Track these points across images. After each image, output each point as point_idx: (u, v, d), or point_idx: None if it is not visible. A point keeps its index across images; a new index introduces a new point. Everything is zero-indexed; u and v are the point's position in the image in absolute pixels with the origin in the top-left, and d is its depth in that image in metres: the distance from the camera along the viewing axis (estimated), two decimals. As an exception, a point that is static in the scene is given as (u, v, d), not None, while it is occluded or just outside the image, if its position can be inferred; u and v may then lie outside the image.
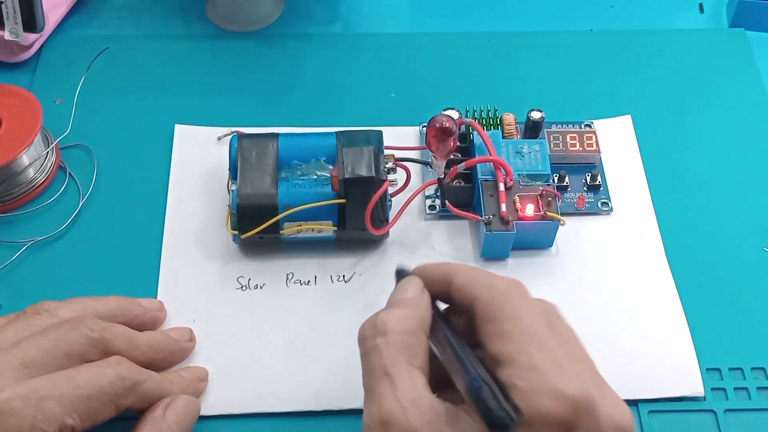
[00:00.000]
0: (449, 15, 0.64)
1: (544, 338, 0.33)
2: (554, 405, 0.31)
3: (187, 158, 0.53)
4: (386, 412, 0.33)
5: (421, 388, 0.33)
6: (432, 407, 0.33)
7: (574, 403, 0.31)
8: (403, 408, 0.32)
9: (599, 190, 0.52)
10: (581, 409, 0.31)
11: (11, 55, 0.58)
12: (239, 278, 0.48)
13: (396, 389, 0.33)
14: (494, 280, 0.36)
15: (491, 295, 0.35)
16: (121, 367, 0.39)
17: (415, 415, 0.32)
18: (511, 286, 0.36)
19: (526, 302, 0.35)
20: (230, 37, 0.61)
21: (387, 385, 0.33)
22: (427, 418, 0.32)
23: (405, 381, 0.33)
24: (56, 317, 0.40)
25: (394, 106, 0.57)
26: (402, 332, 0.35)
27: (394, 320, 0.35)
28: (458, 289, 0.37)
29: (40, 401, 0.35)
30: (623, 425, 0.33)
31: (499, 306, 0.34)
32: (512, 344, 0.33)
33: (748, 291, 0.48)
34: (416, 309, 0.36)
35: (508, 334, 0.33)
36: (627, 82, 0.59)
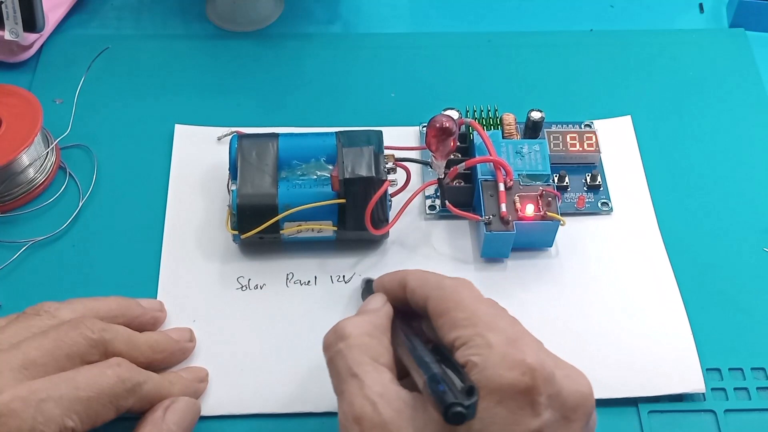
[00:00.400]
0: (449, 15, 0.64)
1: (494, 322, 0.35)
2: (512, 374, 0.32)
3: (187, 158, 0.53)
4: (357, 410, 0.34)
5: (387, 381, 0.35)
6: (400, 398, 0.34)
7: (530, 370, 0.33)
8: (372, 402, 0.34)
9: (599, 190, 0.52)
10: (539, 376, 0.33)
11: (11, 55, 0.58)
12: (239, 278, 0.48)
13: (363, 386, 0.34)
14: (443, 279, 0.38)
15: (441, 293, 0.37)
16: (122, 368, 0.39)
17: (384, 407, 0.34)
18: (458, 283, 0.37)
19: (474, 295, 0.37)
20: (230, 37, 0.61)
21: (354, 384, 0.35)
22: (396, 407, 0.34)
23: (371, 378, 0.35)
24: (56, 318, 0.40)
25: (394, 106, 0.57)
26: (362, 335, 0.37)
27: (353, 325, 0.37)
28: (411, 291, 0.38)
29: (41, 403, 0.35)
30: (582, 391, 0.34)
31: (449, 299, 0.36)
32: (465, 329, 0.35)
33: (749, 291, 0.49)
34: (375, 315, 0.39)
35: (461, 322, 0.35)
36: (627, 82, 0.59)
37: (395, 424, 0.33)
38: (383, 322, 0.38)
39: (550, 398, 0.33)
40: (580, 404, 0.34)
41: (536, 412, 0.32)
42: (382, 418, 0.33)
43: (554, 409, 0.33)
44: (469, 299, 0.36)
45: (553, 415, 0.33)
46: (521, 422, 0.32)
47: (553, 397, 0.33)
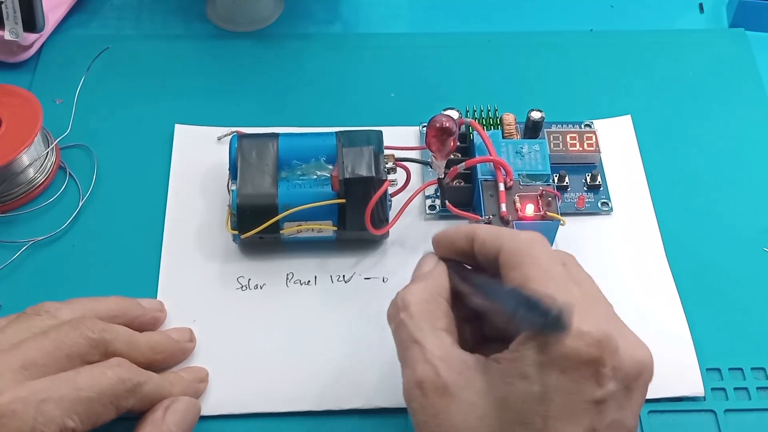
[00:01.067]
0: (449, 15, 0.64)
1: (565, 282, 0.35)
2: (578, 344, 0.32)
3: (187, 158, 0.53)
4: (419, 374, 0.34)
5: (448, 345, 0.35)
6: (461, 360, 0.35)
7: (596, 342, 0.32)
8: (433, 366, 0.34)
9: (599, 190, 0.52)
10: (604, 348, 0.33)
11: (11, 55, 0.58)
12: (239, 278, 0.48)
13: (425, 351, 0.35)
14: (517, 232, 0.38)
15: (515, 245, 0.36)
16: (122, 368, 0.39)
17: (444, 369, 0.34)
18: (533, 236, 0.37)
19: (548, 250, 0.37)
20: (230, 37, 0.61)
21: (416, 350, 0.35)
22: (457, 370, 0.34)
23: (431, 342, 0.35)
24: (56, 318, 0.40)
25: (394, 106, 0.57)
26: (421, 302, 0.37)
27: (411, 293, 0.37)
28: (482, 242, 0.38)
29: (41, 403, 0.35)
30: (643, 361, 0.35)
31: (523, 253, 0.36)
32: (539, 288, 0.34)
33: (748, 291, 0.49)
34: (432, 278, 0.38)
35: (533, 280, 0.35)
36: (627, 82, 0.59)
37: (456, 385, 0.34)
38: (440, 283, 0.38)
39: (614, 369, 0.33)
40: (641, 373, 0.34)
41: (600, 383, 0.33)
42: (443, 381, 0.34)
43: (617, 379, 0.33)
44: (544, 255, 0.36)
45: (616, 386, 0.33)
46: (584, 392, 0.32)
47: (617, 368, 0.33)
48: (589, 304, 0.35)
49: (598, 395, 0.33)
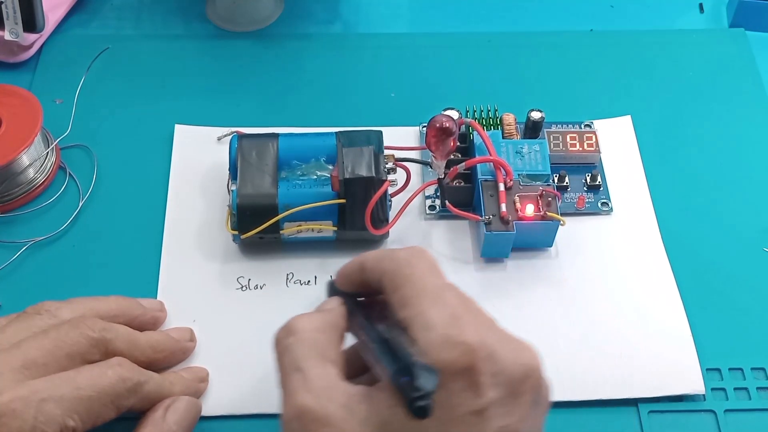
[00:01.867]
0: (449, 15, 0.64)
1: (440, 296, 0.34)
2: (450, 355, 0.32)
3: (187, 158, 0.53)
4: (299, 404, 0.33)
5: (332, 376, 0.34)
6: (344, 392, 0.34)
7: (469, 349, 0.32)
8: (315, 396, 0.33)
9: (599, 190, 0.52)
10: (478, 354, 0.32)
11: (11, 55, 0.58)
12: (239, 278, 0.48)
13: (307, 380, 0.34)
14: (396, 252, 0.37)
15: (394, 266, 0.36)
16: (122, 368, 0.39)
17: (327, 400, 0.33)
18: (410, 253, 0.36)
19: (425, 265, 0.36)
20: (230, 37, 0.61)
21: (299, 378, 0.34)
22: (340, 401, 0.33)
23: (316, 372, 0.34)
24: (57, 317, 0.40)
25: (394, 106, 0.57)
26: (312, 330, 0.36)
27: (303, 320, 0.37)
28: (369, 270, 0.37)
29: (41, 403, 0.35)
30: (529, 363, 0.34)
31: (400, 274, 0.35)
32: (412, 307, 0.34)
33: (748, 291, 0.49)
34: (328, 313, 0.38)
35: (409, 300, 0.34)
36: (627, 82, 0.59)
37: (337, 417, 0.33)
38: (336, 320, 0.38)
39: (493, 376, 0.32)
40: (526, 377, 0.33)
41: (479, 392, 0.32)
42: (325, 412, 0.33)
43: (499, 386, 0.33)
44: (420, 271, 0.35)
45: (498, 393, 0.32)
46: (464, 403, 0.32)
47: (497, 374, 0.33)
48: (466, 313, 0.34)
49: (479, 404, 0.32)
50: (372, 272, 0.37)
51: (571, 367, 0.45)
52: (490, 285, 0.48)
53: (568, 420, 0.43)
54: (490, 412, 0.32)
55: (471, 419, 0.32)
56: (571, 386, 0.44)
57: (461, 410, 0.32)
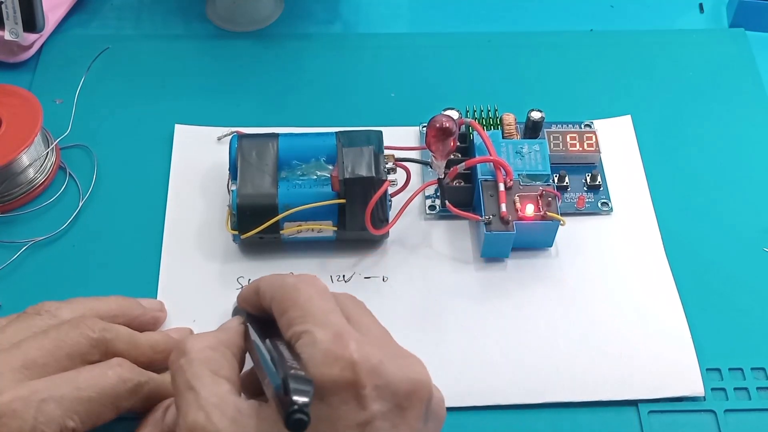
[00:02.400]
0: (449, 15, 0.64)
1: (325, 318, 0.35)
2: (332, 370, 0.32)
3: (187, 158, 0.53)
4: (191, 421, 0.33)
5: (224, 392, 0.34)
6: (236, 407, 0.34)
7: (351, 364, 0.32)
8: (206, 413, 0.33)
9: (599, 190, 0.52)
10: (360, 369, 0.33)
11: (11, 55, 0.58)
12: (239, 278, 0.48)
13: (199, 398, 0.34)
14: (285, 278, 0.38)
15: (282, 292, 0.37)
16: (123, 368, 0.39)
17: (218, 416, 0.33)
18: (298, 280, 0.37)
19: (312, 291, 0.36)
20: (230, 37, 0.61)
21: (190, 396, 0.34)
22: (231, 416, 0.33)
23: (207, 389, 0.34)
24: (57, 318, 0.40)
25: (394, 106, 0.57)
26: (203, 349, 0.36)
27: (194, 340, 0.37)
28: (262, 295, 0.38)
29: (41, 403, 0.35)
30: (416, 378, 0.34)
31: (288, 298, 0.36)
32: (298, 327, 0.35)
33: (748, 291, 0.48)
34: (223, 331, 0.38)
35: (295, 320, 0.35)
36: (627, 82, 0.59)
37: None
38: (231, 337, 0.38)
39: (377, 389, 0.33)
40: (413, 391, 0.34)
41: (362, 405, 0.32)
42: (216, 428, 0.33)
43: (384, 399, 0.33)
44: (306, 296, 0.36)
45: (383, 406, 0.33)
46: (347, 417, 0.32)
47: (381, 387, 0.33)
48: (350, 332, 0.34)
49: (362, 418, 0.32)
50: (263, 296, 0.38)
51: (571, 367, 0.45)
52: (490, 285, 0.48)
53: (568, 420, 0.43)
54: (376, 425, 0.33)
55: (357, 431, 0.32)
56: (571, 386, 0.44)
57: (346, 423, 0.32)
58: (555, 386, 0.44)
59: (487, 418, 0.44)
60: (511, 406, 0.44)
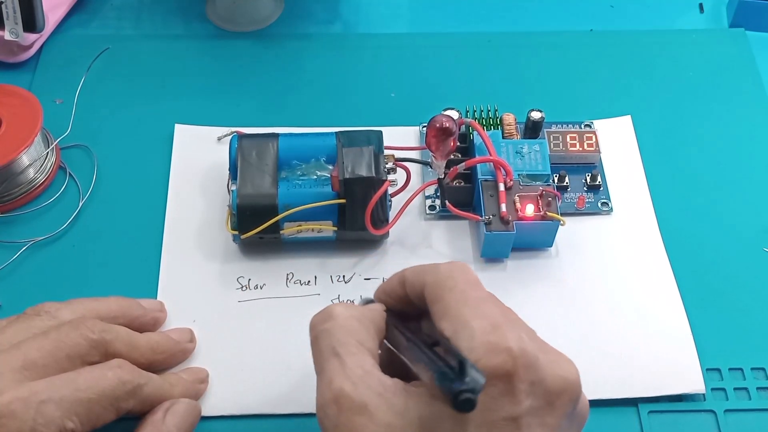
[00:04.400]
0: (449, 15, 0.64)
1: (481, 307, 0.34)
2: (492, 360, 0.32)
3: (187, 158, 0.53)
4: (336, 388, 0.33)
5: (369, 365, 0.34)
6: (381, 382, 0.34)
7: (510, 356, 0.32)
8: (352, 383, 0.33)
9: (599, 190, 0.52)
10: (519, 362, 0.32)
11: (11, 55, 0.58)
12: (239, 278, 0.48)
13: (345, 366, 0.34)
14: (438, 265, 0.37)
15: (436, 278, 0.36)
16: (123, 370, 0.39)
17: (364, 388, 0.33)
18: (453, 266, 0.37)
19: (467, 278, 0.36)
20: (230, 37, 0.61)
21: (336, 363, 0.34)
22: (377, 390, 0.33)
23: (354, 359, 0.34)
24: (56, 319, 0.40)
25: (394, 106, 0.57)
26: (350, 317, 0.36)
27: (342, 307, 0.36)
28: (410, 284, 0.38)
29: (41, 404, 0.35)
30: (567, 377, 0.34)
31: (442, 286, 0.36)
32: (454, 317, 0.34)
33: (748, 291, 0.49)
34: (368, 309, 0.38)
35: (450, 309, 0.35)
36: (627, 82, 0.59)
37: (374, 405, 0.33)
38: (375, 316, 0.38)
39: (532, 385, 0.33)
40: (564, 390, 0.34)
41: (516, 400, 0.32)
42: (362, 399, 0.33)
43: (536, 395, 0.33)
44: (462, 284, 0.35)
45: (535, 402, 0.33)
46: (500, 408, 0.32)
47: (535, 383, 0.33)
48: (507, 323, 0.34)
49: (514, 411, 0.32)
50: (413, 285, 0.37)
51: (571, 367, 0.45)
52: (490, 285, 0.47)
53: (568, 420, 0.43)
54: (525, 421, 0.32)
55: (508, 424, 0.32)
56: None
57: (497, 415, 0.32)
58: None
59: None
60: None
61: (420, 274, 0.37)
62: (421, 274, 0.37)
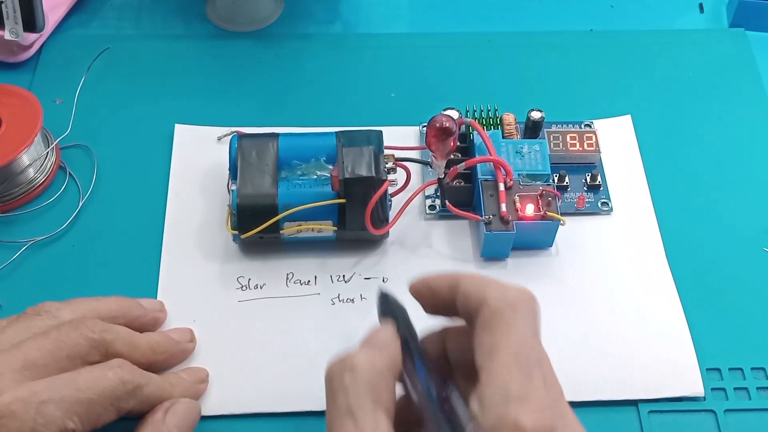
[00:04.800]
0: (449, 15, 0.64)
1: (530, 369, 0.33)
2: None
3: (187, 158, 0.53)
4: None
5: (383, 428, 0.33)
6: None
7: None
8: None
9: (599, 190, 0.52)
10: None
11: (11, 55, 0.58)
12: (239, 278, 0.48)
13: (358, 429, 0.32)
14: (507, 286, 0.35)
15: (500, 303, 0.34)
16: (123, 370, 0.39)
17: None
18: (520, 297, 0.35)
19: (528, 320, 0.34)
20: (230, 37, 0.61)
21: (350, 424, 0.33)
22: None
23: (368, 422, 0.33)
24: (57, 318, 0.40)
25: (394, 106, 0.57)
26: (371, 371, 0.34)
27: (364, 359, 0.34)
28: (466, 293, 0.36)
29: (41, 405, 0.35)
30: None
31: (503, 317, 0.34)
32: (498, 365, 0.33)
33: (748, 291, 0.48)
34: (387, 350, 0.36)
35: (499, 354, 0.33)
36: (627, 82, 0.59)
37: None
38: (394, 359, 0.35)
39: None
40: None
41: None
42: None
43: None
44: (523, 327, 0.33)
45: None
46: None
47: None
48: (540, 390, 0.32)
49: None
50: (468, 297, 0.35)
51: (571, 367, 0.45)
52: (490, 285, 0.48)
53: (568, 420, 0.43)
54: None
55: None
56: (571, 386, 0.44)
57: None
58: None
59: (487, 418, 0.43)
60: (511, 406, 0.44)
61: (482, 289, 0.35)
62: (484, 288, 0.35)
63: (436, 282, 0.37)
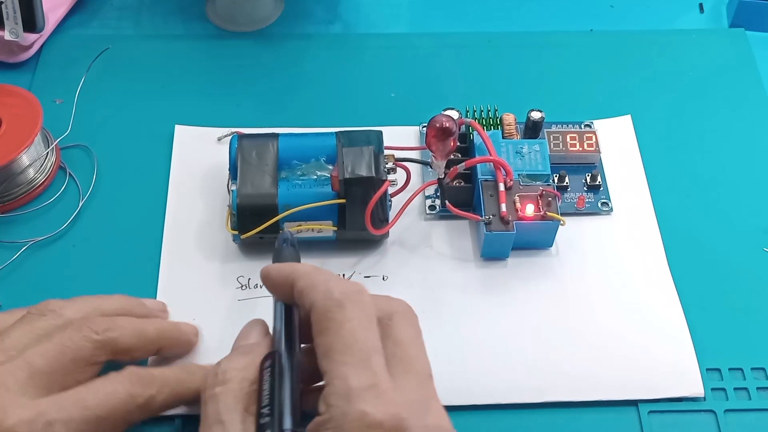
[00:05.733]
0: (449, 15, 0.64)
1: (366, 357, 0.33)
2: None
3: (187, 158, 0.53)
4: None
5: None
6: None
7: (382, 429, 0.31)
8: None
9: (599, 190, 0.52)
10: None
11: (11, 55, 0.58)
12: (239, 278, 0.48)
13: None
14: (331, 285, 0.35)
15: (326, 304, 0.35)
16: (133, 384, 0.38)
17: None
18: (348, 293, 0.35)
19: (360, 311, 0.35)
20: (230, 37, 0.61)
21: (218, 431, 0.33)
22: None
23: (236, 428, 0.33)
24: (62, 317, 0.40)
25: (394, 106, 0.57)
26: (242, 380, 0.35)
27: (235, 369, 0.35)
28: (299, 293, 0.36)
29: (48, 427, 0.35)
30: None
31: (331, 317, 0.34)
32: (335, 364, 0.33)
33: (748, 291, 0.48)
34: (258, 356, 0.36)
35: (333, 353, 0.33)
36: (627, 82, 0.59)
37: None
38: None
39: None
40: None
41: None
42: None
43: None
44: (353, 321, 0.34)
45: None
46: None
47: None
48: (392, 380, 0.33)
49: None
50: (303, 298, 0.36)
51: (571, 366, 0.45)
52: (490, 285, 0.48)
53: (568, 420, 0.43)
54: None
55: None
56: (571, 386, 0.44)
57: None
58: (555, 386, 0.44)
59: (487, 417, 0.44)
60: (511, 406, 0.44)
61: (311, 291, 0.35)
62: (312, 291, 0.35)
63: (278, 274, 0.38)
